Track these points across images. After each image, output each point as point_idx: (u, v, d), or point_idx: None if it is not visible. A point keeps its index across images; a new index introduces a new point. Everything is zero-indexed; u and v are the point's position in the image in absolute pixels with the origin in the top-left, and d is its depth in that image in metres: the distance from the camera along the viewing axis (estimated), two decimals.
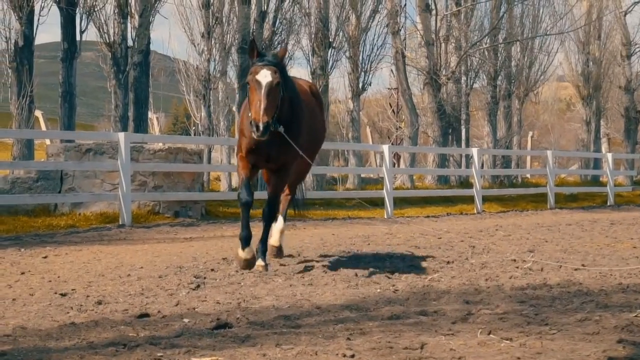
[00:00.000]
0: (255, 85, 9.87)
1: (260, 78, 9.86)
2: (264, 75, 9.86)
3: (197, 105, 32.74)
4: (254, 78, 9.91)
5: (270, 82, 9.84)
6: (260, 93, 9.76)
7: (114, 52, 26.75)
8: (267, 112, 9.67)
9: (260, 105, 9.68)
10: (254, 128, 9.58)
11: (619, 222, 21.21)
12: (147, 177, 19.57)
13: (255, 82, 9.89)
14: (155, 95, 66.92)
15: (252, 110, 9.77)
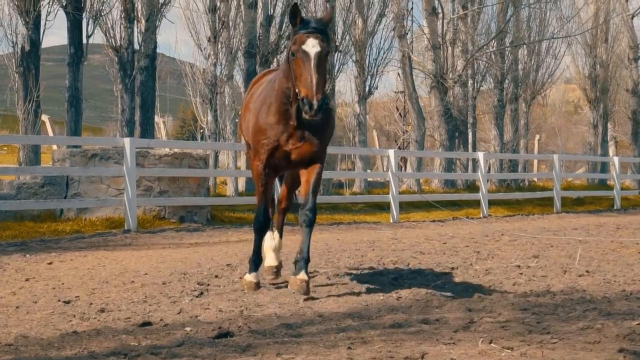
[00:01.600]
0: (303, 57, 8.64)
1: (307, 48, 8.67)
2: (312, 44, 8.70)
3: (203, 109, 32.78)
4: (299, 48, 8.68)
5: (319, 52, 8.67)
6: (310, 65, 8.56)
7: (121, 56, 26.80)
8: (320, 88, 8.51)
9: (311, 79, 8.50)
10: (307, 107, 8.38)
11: (625, 226, 21.18)
12: (152, 182, 19.58)
13: (302, 53, 8.66)
14: (163, 98, 66.97)
15: (301, 85, 8.54)
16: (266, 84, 9.93)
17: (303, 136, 9.22)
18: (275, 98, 9.26)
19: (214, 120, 31.03)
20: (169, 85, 65.75)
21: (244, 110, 10.64)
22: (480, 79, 40.59)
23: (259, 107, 9.59)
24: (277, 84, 9.27)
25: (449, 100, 36.65)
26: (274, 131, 9.28)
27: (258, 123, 9.47)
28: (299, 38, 8.73)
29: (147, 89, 27.62)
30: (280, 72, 9.33)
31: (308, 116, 8.44)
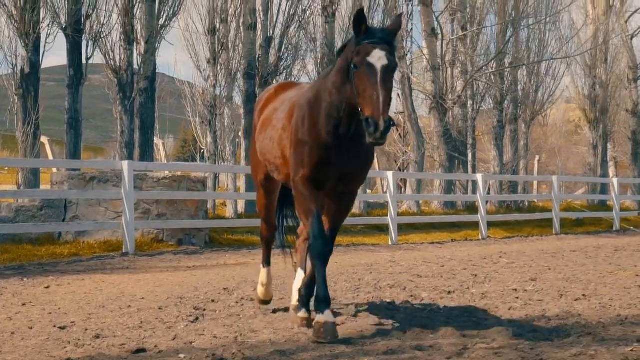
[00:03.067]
0: (367, 70, 7.66)
1: (373, 61, 7.70)
2: (379, 56, 7.73)
3: (203, 130, 32.83)
4: (364, 60, 7.71)
5: (386, 66, 7.69)
6: (375, 81, 7.59)
7: (120, 78, 26.82)
8: (387, 107, 7.52)
9: (377, 97, 7.50)
10: (371, 128, 7.35)
11: (624, 248, 21.20)
12: (150, 205, 19.60)
13: (366, 66, 7.69)
14: (164, 118, 66.98)
15: (365, 103, 7.54)
16: (298, 98, 8.95)
17: (350, 159, 8.32)
18: (323, 110, 8.31)
19: (214, 142, 31.07)
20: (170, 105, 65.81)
21: (260, 128, 9.70)
22: (479, 100, 40.60)
23: (298, 119, 8.57)
24: (324, 96, 8.33)
25: (449, 121, 36.69)
26: (322, 144, 8.28)
27: (299, 136, 8.45)
28: (363, 49, 7.78)
29: (146, 110, 27.64)
30: (326, 83, 8.40)
31: (372, 139, 7.39)
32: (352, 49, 7.91)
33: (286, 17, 31.56)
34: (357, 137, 8.12)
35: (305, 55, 33.29)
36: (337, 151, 8.27)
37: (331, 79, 8.34)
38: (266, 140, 9.42)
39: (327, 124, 8.25)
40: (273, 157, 9.21)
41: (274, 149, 9.17)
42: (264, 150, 9.49)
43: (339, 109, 8.17)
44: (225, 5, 31.00)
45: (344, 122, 8.14)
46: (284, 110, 9.17)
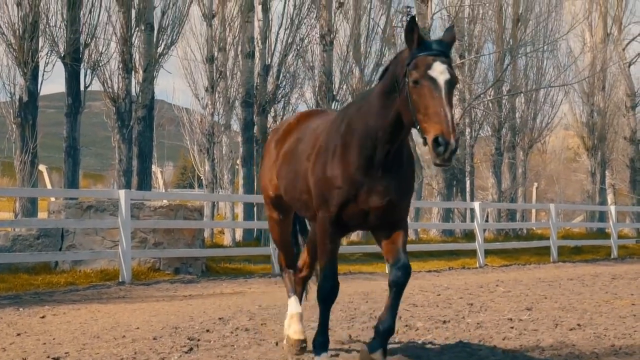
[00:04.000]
0: (430, 85, 6.94)
1: (436, 74, 6.98)
2: (441, 70, 7.01)
3: (201, 158, 32.90)
4: (425, 74, 6.98)
5: (449, 81, 7.00)
6: (441, 96, 6.89)
7: (118, 106, 26.87)
8: (454, 125, 6.80)
9: (445, 113, 6.78)
10: (441, 148, 6.65)
11: (621, 276, 21.20)
12: (147, 234, 19.62)
13: (429, 81, 6.96)
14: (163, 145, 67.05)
15: (430, 121, 6.83)
16: (325, 126, 8.24)
17: (388, 191, 7.60)
18: (355, 140, 7.62)
19: (212, 170, 31.14)
20: (170, 132, 66.00)
21: (282, 160, 8.94)
22: (477, 127, 40.68)
23: (323, 150, 7.91)
24: (357, 123, 7.66)
25: None
26: (351, 182, 7.61)
27: (325, 172, 7.78)
28: (422, 61, 7.04)
29: (144, 139, 27.68)
30: (361, 109, 7.74)
31: (439, 160, 6.68)
32: (402, 62, 7.20)
33: (284, 46, 31.67)
34: (396, 162, 7.64)
35: (303, 84, 33.46)
36: (368, 187, 7.59)
37: (369, 104, 7.65)
38: (290, 174, 8.65)
39: (359, 156, 7.58)
40: (299, 193, 8.45)
41: (299, 184, 8.42)
42: (288, 187, 8.74)
43: (374, 137, 7.52)
44: (224, 33, 31.14)
45: (379, 150, 7.50)
46: (310, 140, 8.43)
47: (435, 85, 6.92)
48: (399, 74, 7.22)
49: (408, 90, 7.05)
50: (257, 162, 30.80)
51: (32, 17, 24.35)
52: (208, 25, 31.31)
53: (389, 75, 7.43)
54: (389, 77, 7.39)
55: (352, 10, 32.94)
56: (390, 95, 7.34)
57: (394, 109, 7.32)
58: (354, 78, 33.51)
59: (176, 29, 28.43)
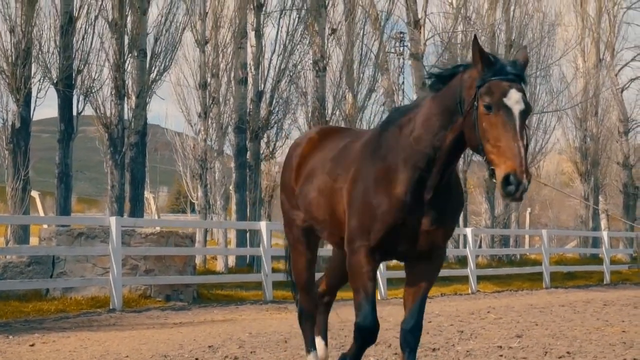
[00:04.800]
0: (505, 116, 6.39)
1: (511, 104, 6.39)
2: (516, 99, 6.42)
3: (194, 184, 32.91)
4: (500, 102, 6.41)
5: (524, 111, 6.44)
6: (515, 129, 6.34)
7: (111, 132, 26.88)
8: (527, 163, 6.34)
9: (519, 149, 6.25)
10: (512, 187, 6.20)
11: (613, 302, 21.19)
12: (138, 261, 19.61)
13: (504, 110, 6.40)
14: (158, 169, 66.98)
15: (501, 155, 6.31)
16: (358, 147, 7.60)
17: (438, 216, 7.06)
18: (404, 162, 7.02)
19: (204, 195, 31.16)
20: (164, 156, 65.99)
21: (305, 178, 8.33)
22: (470, 153, 40.70)
23: (362, 176, 7.27)
24: (405, 141, 7.07)
25: None
26: (400, 208, 6.98)
27: (367, 199, 7.12)
28: (496, 86, 6.46)
29: (137, 165, 27.70)
30: (410, 125, 7.11)
31: (510, 199, 6.34)
32: (471, 82, 6.63)
33: (277, 72, 31.77)
34: (446, 184, 7.08)
35: (296, 109, 33.55)
36: (418, 213, 7.01)
37: (422, 122, 7.02)
38: (312, 193, 8.09)
39: (410, 179, 6.97)
40: (322, 214, 7.96)
41: (321, 204, 7.94)
42: (310, 206, 8.17)
43: (430, 158, 6.92)
44: (217, 59, 31.21)
45: (435, 172, 6.95)
46: (339, 158, 7.86)
47: (510, 115, 6.38)
48: (465, 95, 6.67)
49: (477, 115, 6.53)
50: (250, 188, 30.83)
51: (25, 43, 24.39)
52: (201, 52, 31.39)
53: (449, 92, 6.83)
54: (449, 95, 6.81)
55: (344, 36, 33.02)
56: (451, 115, 6.80)
57: (455, 129, 6.79)
58: (347, 104, 33.56)
59: (169, 55, 28.57)
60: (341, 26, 33.06)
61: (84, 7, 26.16)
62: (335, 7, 33.29)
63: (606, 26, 48.62)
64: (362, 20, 33.80)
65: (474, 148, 6.62)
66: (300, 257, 8.67)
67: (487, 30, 38.86)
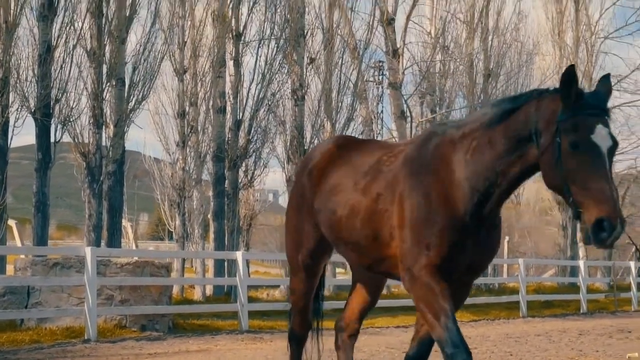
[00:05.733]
0: (593, 155, 5.97)
1: (599, 141, 5.99)
2: (604, 136, 6.04)
3: (171, 213, 32.92)
4: (587, 139, 5.99)
5: (612, 147, 6.04)
6: (605, 169, 5.93)
7: (88, 161, 26.86)
8: (619, 206, 5.87)
9: (611, 191, 5.83)
10: (604, 234, 5.74)
11: (588, 332, 21.26)
12: (114, 291, 19.55)
13: (591, 148, 5.97)
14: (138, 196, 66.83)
15: (593, 198, 5.85)
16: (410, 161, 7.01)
17: (483, 244, 6.76)
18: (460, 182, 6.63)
19: (182, 224, 31.17)
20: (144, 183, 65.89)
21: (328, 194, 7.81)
22: None
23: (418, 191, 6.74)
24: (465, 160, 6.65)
25: None
26: (459, 225, 6.58)
27: (426, 213, 6.62)
28: (582, 123, 6.03)
29: (114, 193, 27.70)
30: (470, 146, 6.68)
31: (600, 246, 5.82)
32: (550, 115, 6.20)
33: (256, 100, 31.95)
34: (492, 216, 6.76)
35: (275, 138, 33.70)
36: (475, 235, 6.64)
37: (487, 142, 6.60)
38: (341, 211, 7.55)
39: (470, 199, 6.59)
40: (355, 236, 7.39)
41: (355, 225, 7.36)
42: (337, 225, 7.60)
43: (491, 183, 6.56)
44: (195, 88, 31.29)
45: (494, 197, 6.61)
46: (375, 175, 7.35)
47: (599, 154, 5.94)
48: (541, 126, 6.25)
49: (560, 153, 6.06)
50: (228, 217, 30.86)
51: (3, 72, 24.43)
52: (179, 81, 31.48)
53: (520, 119, 6.41)
54: (520, 123, 6.39)
55: (323, 65, 33.21)
56: (520, 143, 6.39)
57: (525, 160, 6.41)
58: (326, 132, 33.68)
59: (147, 84, 28.64)
60: (320, 55, 33.26)
61: (62, 37, 26.22)
62: (314, 37, 33.54)
63: (584, 56, 48.90)
64: (341, 50, 34.00)
65: (554, 186, 6.23)
66: (301, 283, 8.39)
67: (465, 60, 39.13)
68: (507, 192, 6.65)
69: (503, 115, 6.51)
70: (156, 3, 29.43)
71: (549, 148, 6.14)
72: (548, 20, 48.05)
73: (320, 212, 7.89)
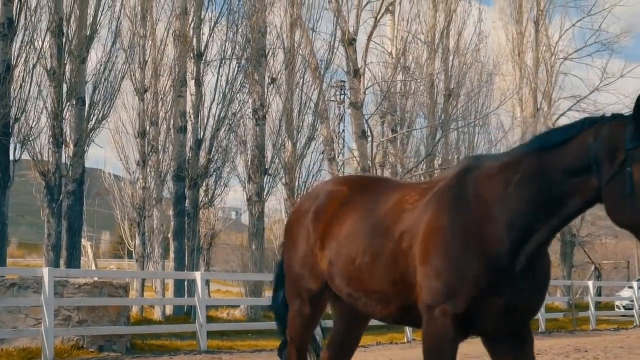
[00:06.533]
0: None
1: None
2: None
3: (131, 232, 32.86)
4: None
5: None
6: None
7: (48, 180, 26.79)
8: None
9: None
10: None
11: (545, 351, 21.34)
12: (71, 312, 19.48)
13: None
14: (101, 213, 66.47)
15: None
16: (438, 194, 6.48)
17: (529, 287, 6.16)
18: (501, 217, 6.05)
19: (142, 243, 31.11)
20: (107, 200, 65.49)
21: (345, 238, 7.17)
22: None
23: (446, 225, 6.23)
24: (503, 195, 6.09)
25: None
26: (494, 268, 6.01)
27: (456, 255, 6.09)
28: None
29: (74, 213, 27.61)
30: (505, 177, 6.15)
31: None
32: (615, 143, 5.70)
33: (216, 120, 31.97)
34: (538, 253, 6.16)
35: (235, 157, 33.75)
36: (511, 279, 6.05)
37: (532, 175, 6.05)
38: (361, 258, 6.95)
39: (508, 238, 6.02)
40: (378, 284, 6.83)
41: (380, 271, 6.78)
42: (359, 275, 6.98)
43: (537, 219, 6.00)
44: (156, 108, 31.28)
45: (540, 233, 6.04)
46: (398, 215, 6.77)
47: None
48: (602, 156, 5.73)
49: (632, 183, 5.57)
50: (188, 236, 30.84)
51: None
52: (140, 100, 31.45)
53: (575, 150, 5.88)
54: (576, 153, 5.86)
55: (284, 84, 33.38)
56: (574, 175, 5.85)
57: (582, 192, 5.88)
58: (287, 152, 33.79)
59: (108, 104, 28.59)
60: (281, 75, 33.43)
61: (22, 56, 26.11)
62: (275, 56, 33.72)
63: (544, 76, 49.47)
64: (302, 69, 34.20)
65: (624, 220, 5.66)
66: (299, 321, 7.78)
67: (426, 80, 39.34)
68: (556, 228, 6.06)
69: (553, 146, 5.98)
70: (117, 22, 29.44)
71: (616, 178, 5.63)
72: (508, 41, 48.62)
73: (333, 264, 7.26)
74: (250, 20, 32.33)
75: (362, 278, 6.88)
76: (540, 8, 49.22)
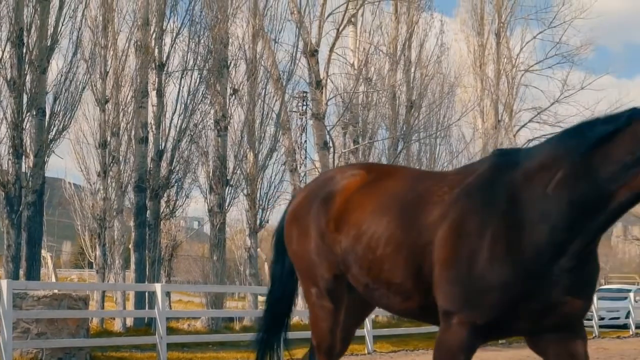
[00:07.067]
0: None
1: None
2: None
3: (92, 243, 32.69)
4: None
5: None
6: None
7: (7, 192, 26.61)
8: None
9: None
10: None
11: None
12: (30, 324, 19.36)
13: None
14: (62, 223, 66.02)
15: None
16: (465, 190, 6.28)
17: (575, 284, 5.96)
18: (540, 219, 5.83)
19: (102, 255, 30.96)
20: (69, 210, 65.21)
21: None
22: None
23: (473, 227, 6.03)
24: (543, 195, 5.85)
25: None
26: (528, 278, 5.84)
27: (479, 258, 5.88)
28: None
29: (34, 224, 27.43)
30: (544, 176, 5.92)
31: None
32: None
33: (178, 131, 31.84)
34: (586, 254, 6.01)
35: (197, 168, 33.68)
36: (551, 283, 5.89)
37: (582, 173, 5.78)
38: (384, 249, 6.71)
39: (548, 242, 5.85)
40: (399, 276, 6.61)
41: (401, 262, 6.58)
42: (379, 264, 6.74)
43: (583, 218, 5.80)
44: (117, 118, 31.16)
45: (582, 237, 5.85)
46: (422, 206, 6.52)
47: None
48: None
49: None
50: (149, 247, 30.72)
51: None
52: (101, 110, 31.28)
53: (627, 142, 5.68)
54: (627, 146, 5.67)
55: (246, 95, 33.37)
56: (630, 169, 5.65)
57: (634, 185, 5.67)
58: (248, 163, 33.77)
59: (69, 114, 28.39)
60: (243, 86, 33.41)
61: None
62: (237, 67, 33.69)
63: (505, 88, 49.74)
64: (264, 80, 34.19)
65: None
66: (323, 321, 7.42)
67: (388, 92, 39.51)
68: (603, 226, 5.87)
69: (600, 140, 5.76)
70: (78, 33, 29.23)
71: None
72: (470, 53, 48.88)
73: (350, 252, 7.01)
74: (212, 31, 32.29)
75: (382, 269, 6.68)
76: (501, 20, 49.50)
